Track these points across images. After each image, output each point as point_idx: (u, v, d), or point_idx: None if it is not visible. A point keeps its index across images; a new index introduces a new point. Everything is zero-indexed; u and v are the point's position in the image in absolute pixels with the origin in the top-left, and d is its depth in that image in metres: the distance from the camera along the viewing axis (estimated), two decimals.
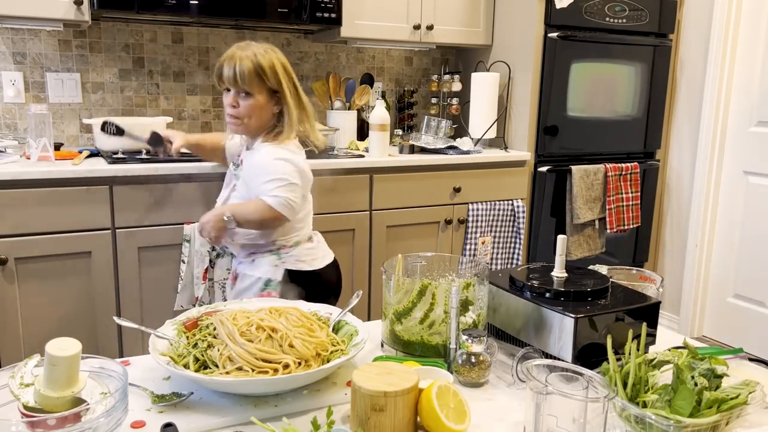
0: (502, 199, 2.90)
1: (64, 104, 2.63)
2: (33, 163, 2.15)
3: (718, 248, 3.29)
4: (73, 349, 0.84)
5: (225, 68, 1.79)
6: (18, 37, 2.52)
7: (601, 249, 3.12)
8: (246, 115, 1.82)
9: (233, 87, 1.79)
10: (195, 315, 1.13)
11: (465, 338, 1.05)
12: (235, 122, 1.84)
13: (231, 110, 1.82)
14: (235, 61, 1.77)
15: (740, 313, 3.20)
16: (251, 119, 1.82)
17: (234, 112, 1.82)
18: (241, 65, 1.76)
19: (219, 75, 1.81)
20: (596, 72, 3.02)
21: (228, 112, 1.83)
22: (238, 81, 1.77)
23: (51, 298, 2.12)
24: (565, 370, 0.90)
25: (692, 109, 3.28)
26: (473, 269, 1.25)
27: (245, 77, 1.77)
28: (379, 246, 2.64)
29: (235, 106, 1.80)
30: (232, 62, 1.77)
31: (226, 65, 1.79)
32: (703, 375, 0.90)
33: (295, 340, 1.00)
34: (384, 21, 2.83)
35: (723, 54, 3.11)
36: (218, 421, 0.91)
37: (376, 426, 0.84)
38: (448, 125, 2.99)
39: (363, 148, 2.80)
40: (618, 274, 1.31)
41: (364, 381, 0.85)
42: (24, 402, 0.83)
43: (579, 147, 3.06)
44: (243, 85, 1.78)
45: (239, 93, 1.79)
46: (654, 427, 0.86)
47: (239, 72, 1.76)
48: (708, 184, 3.24)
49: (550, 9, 2.84)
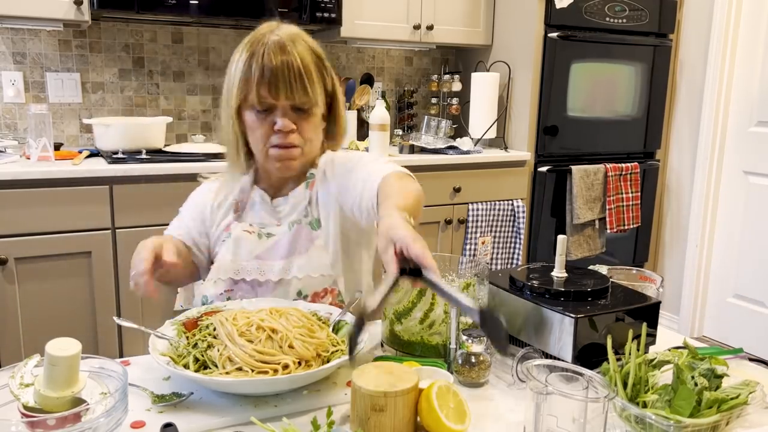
0: (502, 199, 2.89)
1: (64, 104, 2.63)
2: (33, 163, 2.15)
3: (718, 248, 3.28)
4: (73, 349, 0.84)
5: (269, 67, 1.15)
6: (18, 37, 2.52)
7: (601, 249, 3.12)
8: (308, 139, 1.24)
9: (286, 99, 1.18)
10: (195, 315, 1.13)
11: (465, 338, 1.05)
12: (295, 154, 1.23)
13: (287, 138, 1.20)
14: (288, 56, 1.17)
15: (740, 313, 3.20)
16: (311, 144, 1.26)
17: (294, 140, 1.21)
18: (297, 60, 1.17)
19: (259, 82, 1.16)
20: (596, 72, 3.02)
21: (279, 142, 1.20)
22: (297, 88, 1.18)
23: (51, 298, 2.12)
24: (565, 371, 0.90)
25: (692, 109, 3.28)
26: (473, 269, 1.25)
27: (310, 79, 1.19)
28: None
29: (293, 131, 1.20)
30: (280, 57, 1.16)
31: (266, 60, 1.15)
32: (704, 375, 0.90)
33: (295, 341, 1.00)
34: (384, 21, 2.83)
35: (723, 54, 3.11)
36: (218, 421, 0.91)
37: (376, 426, 0.84)
38: (448, 125, 2.99)
39: (363, 148, 2.80)
40: (618, 274, 1.31)
41: (364, 381, 0.85)
42: (24, 402, 0.83)
43: (579, 147, 3.05)
44: (304, 94, 1.19)
45: (296, 108, 1.20)
46: (654, 427, 0.86)
47: (298, 72, 1.17)
48: (708, 184, 3.24)
49: (550, 9, 2.84)
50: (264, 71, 1.16)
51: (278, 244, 1.26)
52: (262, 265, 1.25)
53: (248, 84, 1.18)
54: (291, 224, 1.27)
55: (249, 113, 1.21)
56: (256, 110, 1.20)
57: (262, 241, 1.26)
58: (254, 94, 1.17)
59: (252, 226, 1.27)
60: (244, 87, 1.18)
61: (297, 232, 1.27)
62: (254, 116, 1.21)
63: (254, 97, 1.18)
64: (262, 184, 1.32)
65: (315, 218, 1.29)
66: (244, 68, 1.18)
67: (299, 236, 1.26)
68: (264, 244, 1.26)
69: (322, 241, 1.27)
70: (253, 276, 1.24)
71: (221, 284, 1.25)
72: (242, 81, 1.18)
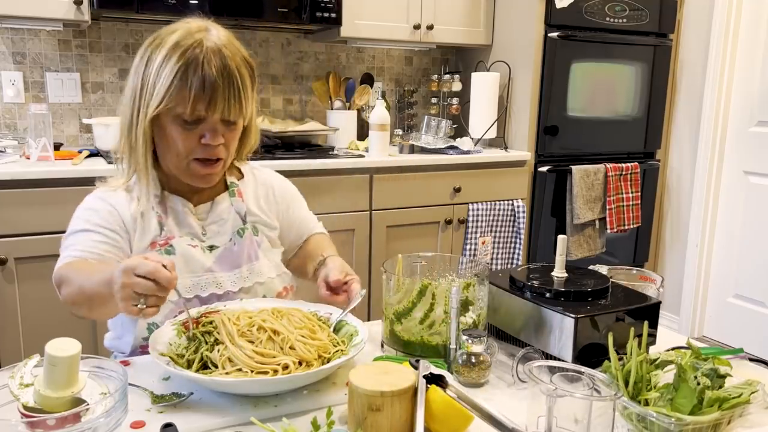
0: (502, 199, 2.89)
1: (63, 104, 2.63)
2: (33, 163, 2.14)
3: (719, 248, 3.28)
4: (73, 349, 0.83)
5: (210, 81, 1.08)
6: (18, 37, 2.52)
7: (601, 249, 3.12)
8: (231, 152, 1.20)
9: (221, 114, 1.11)
10: (195, 315, 1.13)
11: (465, 338, 1.05)
12: (219, 168, 1.18)
13: (213, 152, 1.14)
14: (228, 70, 1.10)
15: (740, 313, 3.19)
16: (231, 156, 1.22)
17: (220, 153, 1.15)
18: (236, 75, 1.11)
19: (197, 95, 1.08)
20: (596, 72, 3.02)
21: (205, 156, 1.14)
22: (234, 103, 1.12)
23: (51, 298, 2.11)
24: (566, 371, 0.90)
25: (692, 109, 3.28)
26: (473, 269, 1.25)
27: (245, 94, 1.14)
28: (379, 246, 2.64)
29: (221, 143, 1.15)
30: (221, 70, 1.09)
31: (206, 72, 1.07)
32: (706, 375, 0.90)
33: (296, 343, 1.00)
34: (384, 21, 2.83)
35: (723, 54, 3.11)
36: (218, 421, 0.91)
37: (373, 426, 0.84)
38: (448, 125, 2.99)
39: (363, 148, 2.80)
40: (618, 274, 1.31)
41: (361, 381, 0.85)
42: (24, 402, 0.83)
43: (579, 147, 3.05)
44: (240, 109, 1.13)
45: (225, 121, 1.14)
46: (655, 425, 0.86)
47: (237, 88, 1.11)
48: (708, 184, 3.23)
49: (550, 9, 2.84)
50: (205, 85, 1.07)
51: (229, 255, 1.23)
52: (217, 278, 1.21)
53: (182, 95, 1.08)
54: (240, 231, 1.25)
55: (171, 123, 1.12)
56: (183, 121, 1.11)
57: (207, 255, 1.22)
58: (188, 106, 1.08)
59: (193, 240, 1.21)
60: (176, 97, 1.08)
61: (248, 240, 1.25)
62: (177, 127, 1.12)
63: (186, 109, 1.09)
64: (174, 190, 1.23)
65: (253, 225, 1.28)
66: (178, 77, 1.08)
67: (250, 243, 1.25)
68: (211, 257, 1.22)
69: (267, 243, 1.30)
70: (210, 290, 1.19)
71: (167, 305, 1.12)
72: (174, 91, 1.08)
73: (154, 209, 1.20)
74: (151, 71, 1.11)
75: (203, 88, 1.08)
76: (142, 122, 1.12)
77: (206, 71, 1.08)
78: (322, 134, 2.78)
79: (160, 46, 1.12)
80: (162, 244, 1.19)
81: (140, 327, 1.18)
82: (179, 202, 1.22)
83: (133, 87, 1.14)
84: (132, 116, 1.14)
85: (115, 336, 1.27)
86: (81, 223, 1.18)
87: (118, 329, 1.26)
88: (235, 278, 1.22)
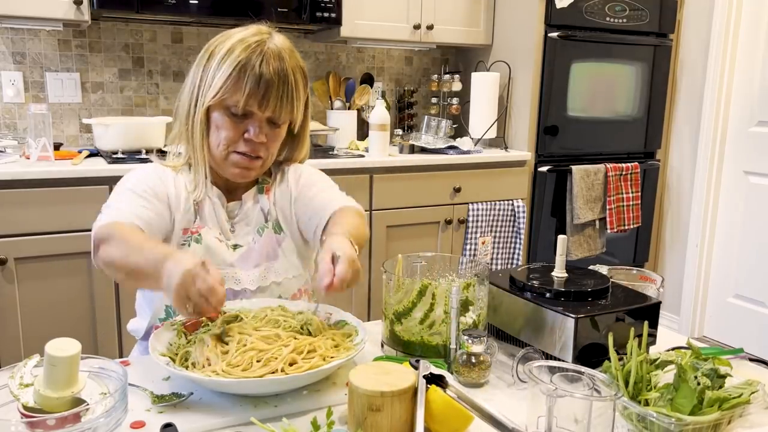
0: (502, 199, 2.89)
1: (63, 104, 2.63)
2: (32, 163, 2.14)
3: (719, 248, 3.28)
4: (73, 349, 0.83)
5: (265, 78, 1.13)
6: (18, 37, 2.52)
7: (601, 249, 3.12)
8: (272, 153, 1.24)
9: (271, 112, 1.16)
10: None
11: (465, 338, 1.05)
12: (257, 165, 1.21)
13: (254, 149, 1.18)
14: (284, 71, 1.15)
15: (741, 314, 3.19)
16: (272, 157, 1.26)
17: (260, 151, 1.19)
18: (291, 77, 1.16)
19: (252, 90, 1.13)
20: (596, 72, 3.02)
21: (246, 151, 1.18)
22: (285, 104, 1.16)
23: (51, 298, 2.12)
24: (566, 371, 0.90)
25: (692, 109, 3.28)
26: (473, 269, 1.25)
27: (297, 98, 1.18)
28: (379, 246, 2.64)
29: (262, 143, 1.18)
30: (278, 69, 1.14)
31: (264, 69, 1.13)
32: (706, 375, 0.90)
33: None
34: (384, 21, 2.83)
35: (723, 54, 3.11)
36: (218, 421, 0.91)
37: (372, 426, 0.84)
38: (448, 125, 2.99)
39: (363, 148, 2.80)
40: (618, 274, 1.31)
41: (360, 381, 0.85)
42: (24, 402, 0.82)
43: (579, 147, 3.05)
44: (289, 111, 1.18)
45: (271, 121, 1.19)
46: (656, 425, 0.86)
47: (290, 89, 1.16)
48: (708, 184, 3.23)
49: (550, 9, 2.84)
50: (260, 80, 1.13)
51: (250, 252, 1.25)
52: (237, 274, 1.22)
53: (236, 88, 1.13)
54: (260, 230, 1.26)
55: (219, 114, 1.17)
56: (232, 113, 1.16)
57: (230, 251, 1.24)
58: (241, 100, 1.13)
59: (221, 235, 1.23)
60: (231, 90, 1.13)
61: (267, 238, 1.26)
62: (226, 118, 1.16)
63: (239, 102, 1.13)
64: (214, 183, 1.26)
65: (276, 222, 1.28)
66: (237, 70, 1.13)
67: (270, 242, 1.26)
68: (235, 254, 1.24)
69: (287, 243, 1.29)
70: (228, 285, 1.20)
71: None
72: (230, 82, 1.13)
73: (195, 200, 1.22)
74: (212, 64, 1.16)
75: (258, 84, 1.13)
76: (199, 111, 1.17)
77: (263, 69, 1.13)
78: (322, 134, 2.78)
79: (223, 43, 1.17)
80: (193, 231, 1.22)
81: (157, 308, 1.22)
82: (216, 195, 1.25)
83: (193, 78, 1.19)
84: (190, 106, 1.19)
85: (139, 320, 1.31)
86: (130, 184, 1.19)
87: (143, 311, 1.30)
88: (254, 277, 1.23)
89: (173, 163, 1.26)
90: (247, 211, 1.27)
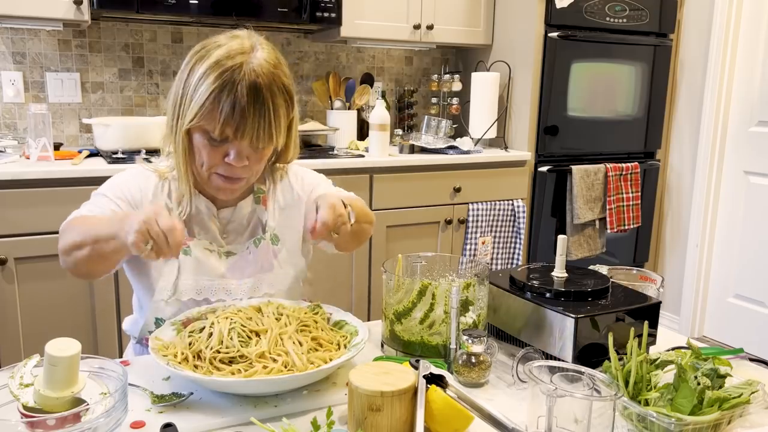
0: (502, 199, 2.89)
1: (63, 104, 2.63)
2: (32, 163, 2.14)
3: (719, 248, 3.28)
4: (73, 349, 0.83)
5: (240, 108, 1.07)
6: (18, 36, 2.52)
7: (601, 249, 3.12)
8: (256, 171, 1.19)
9: (249, 143, 1.11)
10: (195, 315, 1.13)
11: (465, 338, 1.05)
12: (239, 185, 1.18)
13: (235, 171, 1.14)
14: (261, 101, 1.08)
15: (741, 313, 3.19)
16: (258, 173, 1.21)
17: (242, 172, 1.15)
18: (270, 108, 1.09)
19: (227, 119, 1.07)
20: (596, 72, 3.02)
21: (227, 174, 1.14)
22: (263, 134, 1.10)
23: (51, 298, 2.12)
24: (566, 371, 0.90)
25: (692, 108, 3.28)
26: (473, 269, 1.25)
27: (277, 127, 1.12)
28: (379, 246, 2.64)
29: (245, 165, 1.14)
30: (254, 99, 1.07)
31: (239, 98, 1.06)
32: (706, 375, 0.90)
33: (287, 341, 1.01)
34: (384, 21, 2.83)
35: (723, 54, 3.11)
36: (218, 421, 0.91)
37: (372, 426, 0.84)
38: (448, 125, 2.99)
39: (363, 148, 2.80)
40: (618, 274, 1.31)
41: (360, 381, 0.85)
42: (24, 402, 0.82)
43: (579, 147, 3.05)
44: (269, 140, 1.12)
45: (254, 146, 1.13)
46: (655, 425, 0.86)
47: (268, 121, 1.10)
48: (708, 184, 3.23)
49: (550, 9, 2.83)
50: (234, 109, 1.06)
51: (242, 262, 1.22)
52: (228, 284, 1.20)
53: (211, 117, 1.08)
54: (256, 241, 1.24)
55: (199, 135, 1.12)
56: (210, 137, 1.11)
57: (222, 260, 1.21)
58: (216, 127, 1.08)
59: (212, 245, 1.21)
60: (207, 117, 1.08)
61: (263, 250, 1.24)
62: (206, 141, 1.11)
63: (215, 130, 1.09)
64: (201, 191, 1.22)
65: (273, 233, 1.26)
66: (211, 99, 1.07)
67: (266, 253, 1.24)
68: (226, 263, 1.21)
69: (283, 255, 1.26)
70: (219, 296, 1.19)
71: (176, 304, 1.18)
72: (205, 111, 1.08)
73: (197, 207, 1.21)
74: (190, 83, 1.11)
75: (233, 114, 1.07)
76: (180, 130, 1.13)
77: (238, 97, 1.06)
78: (322, 134, 2.78)
79: (203, 59, 1.11)
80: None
81: (148, 321, 1.21)
82: (204, 204, 1.22)
83: (175, 92, 1.15)
84: (173, 121, 1.16)
85: (134, 319, 1.30)
86: (103, 190, 1.21)
87: (137, 311, 1.29)
88: (246, 287, 1.21)
89: (161, 169, 1.23)
90: (241, 218, 1.25)
